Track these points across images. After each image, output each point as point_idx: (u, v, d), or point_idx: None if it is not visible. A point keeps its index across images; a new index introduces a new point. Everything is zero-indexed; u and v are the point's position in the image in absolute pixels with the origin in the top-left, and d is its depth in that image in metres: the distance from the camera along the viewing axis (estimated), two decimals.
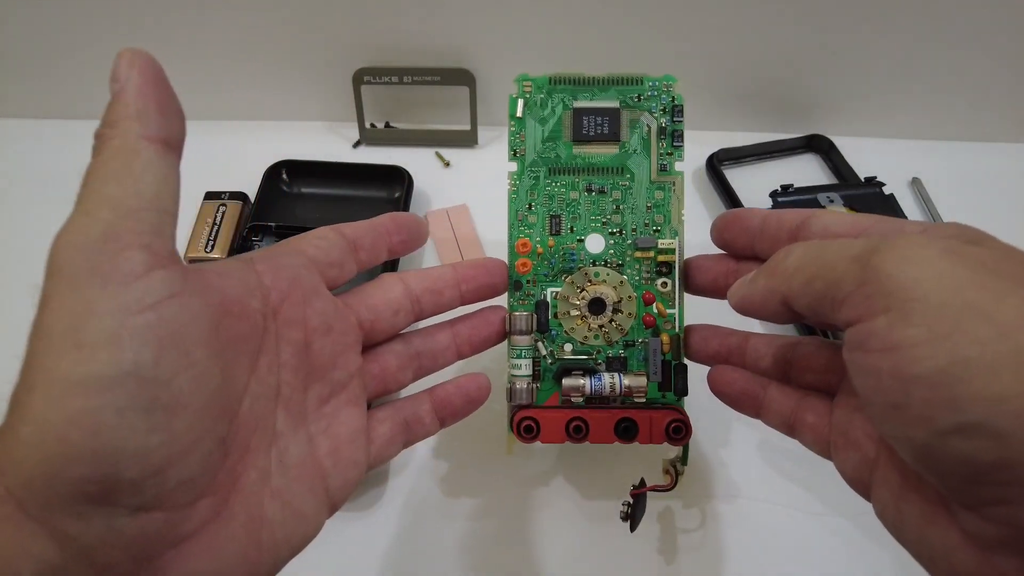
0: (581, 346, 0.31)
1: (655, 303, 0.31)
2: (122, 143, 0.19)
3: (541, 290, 0.31)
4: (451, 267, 0.30)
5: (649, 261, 0.31)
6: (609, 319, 0.31)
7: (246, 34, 0.49)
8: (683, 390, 0.31)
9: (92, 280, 0.17)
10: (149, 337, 0.17)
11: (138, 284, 0.17)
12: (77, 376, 0.16)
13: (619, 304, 0.31)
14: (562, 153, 0.32)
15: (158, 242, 0.18)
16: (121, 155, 0.19)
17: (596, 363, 0.31)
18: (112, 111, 0.19)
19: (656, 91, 0.32)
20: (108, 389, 0.16)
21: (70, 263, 0.17)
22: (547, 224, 0.31)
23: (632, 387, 0.30)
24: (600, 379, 0.30)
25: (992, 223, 0.49)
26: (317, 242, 0.26)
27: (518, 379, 0.31)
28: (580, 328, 0.31)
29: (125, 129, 0.19)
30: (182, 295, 0.18)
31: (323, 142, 0.54)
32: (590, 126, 0.32)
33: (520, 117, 0.32)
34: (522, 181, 0.31)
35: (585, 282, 0.31)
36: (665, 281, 0.31)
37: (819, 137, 0.54)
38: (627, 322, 0.31)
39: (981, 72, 0.51)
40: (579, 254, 0.31)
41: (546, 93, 0.32)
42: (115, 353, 0.16)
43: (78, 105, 0.54)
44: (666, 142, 0.31)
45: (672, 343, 0.31)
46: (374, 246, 0.28)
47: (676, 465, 0.32)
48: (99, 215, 0.18)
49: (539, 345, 0.31)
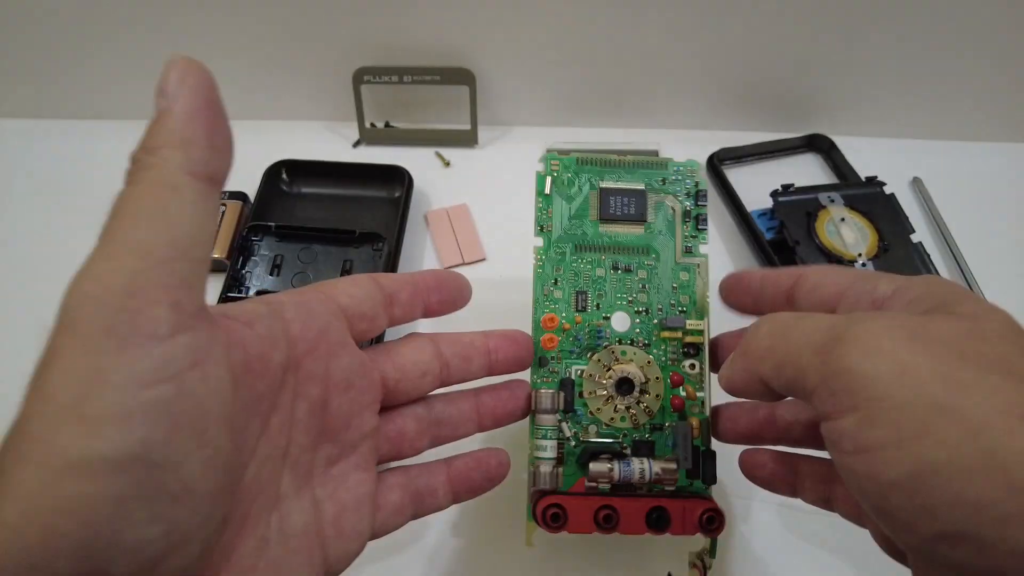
0: (606, 429, 0.30)
1: (683, 385, 0.30)
2: (160, 175, 0.16)
3: (566, 367, 0.31)
4: (482, 335, 0.28)
5: (676, 342, 0.30)
6: (636, 400, 0.30)
7: (246, 34, 0.49)
8: (712, 478, 0.30)
9: (108, 341, 0.15)
10: (163, 414, 0.15)
11: (159, 350, 0.15)
12: (76, 454, 0.14)
13: (646, 385, 0.30)
14: (588, 231, 0.32)
15: (187, 297, 0.16)
16: (157, 190, 0.16)
17: (623, 447, 0.30)
18: (154, 134, 0.17)
19: (680, 175, 0.32)
20: (110, 473, 0.14)
21: (85, 319, 0.15)
22: (573, 300, 0.31)
23: (663, 475, 0.29)
24: (629, 465, 0.29)
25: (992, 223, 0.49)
26: (352, 291, 0.24)
27: (543, 462, 0.29)
28: (606, 409, 0.30)
29: (166, 158, 0.17)
30: (205, 363, 0.17)
31: (323, 142, 0.54)
32: (617, 206, 0.32)
33: (548, 194, 0.32)
34: (548, 256, 0.31)
35: (612, 360, 0.30)
36: (693, 363, 0.30)
37: (820, 137, 0.54)
38: (655, 404, 0.30)
39: (981, 72, 0.51)
40: (605, 331, 0.31)
41: (573, 172, 0.32)
42: (123, 431, 0.15)
43: (78, 105, 0.54)
44: (690, 225, 0.32)
45: (701, 428, 0.30)
46: (411, 302, 0.26)
47: (704, 558, 0.30)
48: (123, 263, 0.15)
49: (563, 426, 0.30)
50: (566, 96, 0.53)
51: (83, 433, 0.14)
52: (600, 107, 0.54)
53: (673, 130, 0.55)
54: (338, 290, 0.24)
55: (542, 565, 0.35)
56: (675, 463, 0.29)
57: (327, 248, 0.45)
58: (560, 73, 0.51)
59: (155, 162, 0.17)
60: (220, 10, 0.47)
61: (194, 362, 0.16)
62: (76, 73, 0.52)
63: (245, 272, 0.44)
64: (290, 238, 0.45)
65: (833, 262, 0.43)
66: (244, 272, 0.44)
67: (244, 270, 0.44)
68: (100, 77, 0.52)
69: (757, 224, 0.47)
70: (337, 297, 0.23)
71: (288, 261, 0.44)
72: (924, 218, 0.50)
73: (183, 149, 0.17)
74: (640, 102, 0.54)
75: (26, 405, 0.15)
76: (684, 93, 0.53)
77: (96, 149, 0.53)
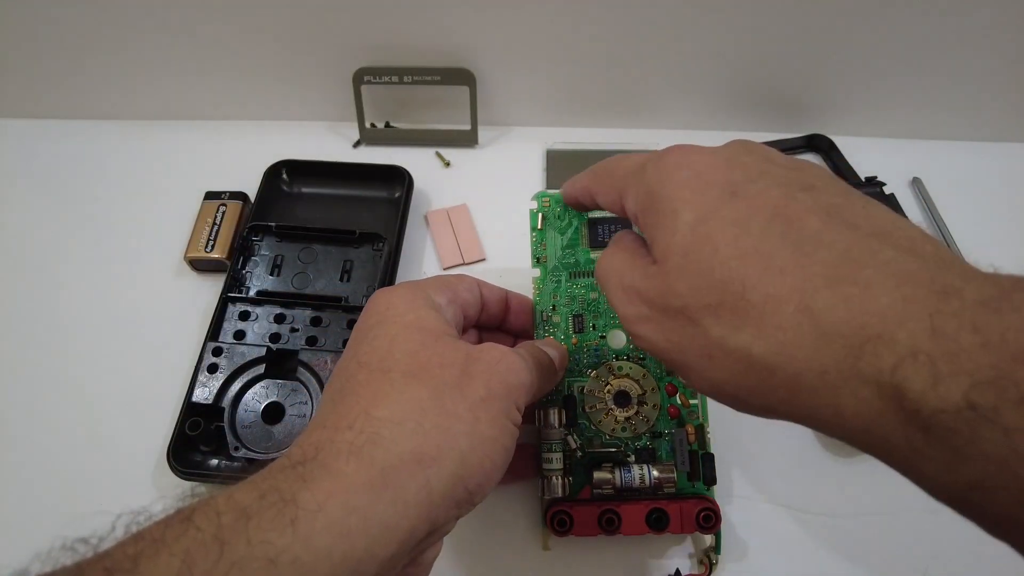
0: (609, 439, 0.33)
1: (678, 394, 0.33)
2: None
3: (568, 385, 0.33)
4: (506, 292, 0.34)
5: None
6: (635, 411, 0.32)
7: (246, 34, 0.49)
8: (711, 479, 0.32)
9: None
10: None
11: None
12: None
13: (643, 396, 0.32)
14: (580, 258, 0.34)
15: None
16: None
17: (626, 455, 0.32)
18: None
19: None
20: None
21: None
22: (571, 323, 0.34)
23: (662, 479, 0.31)
24: (630, 471, 0.31)
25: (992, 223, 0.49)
26: (466, 296, 0.31)
27: (552, 473, 0.32)
28: (608, 421, 0.32)
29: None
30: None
31: (323, 142, 0.54)
32: (605, 233, 0.34)
33: (541, 229, 0.35)
34: (545, 285, 0.34)
35: (610, 375, 0.33)
36: None
37: (819, 137, 0.54)
38: (652, 413, 0.32)
39: (981, 72, 0.51)
40: (602, 349, 0.33)
41: (562, 207, 0.35)
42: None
43: (78, 105, 0.54)
44: None
45: (697, 433, 0.32)
46: (497, 314, 0.34)
47: (710, 555, 0.33)
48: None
49: (569, 439, 0.32)
50: (566, 96, 0.53)
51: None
52: (600, 107, 0.54)
53: (673, 130, 0.55)
54: (458, 292, 0.30)
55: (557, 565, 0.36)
56: (673, 468, 0.32)
57: (327, 248, 0.45)
58: (560, 73, 0.51)
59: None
60: (220, 11, 0.47)
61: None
62: (76, 73, 0.52)
63: (245, 272, 0.44)
64: (290, 238, 0.45)
65: None
66: (244, 272, 0.44)
67: (244, 270, 0.44)
68: (100, 77, 0.52)
69: None
70: (458, 298, 0.29)
71: (288, 261, 0.44)
72: (924, 218, 0.50)
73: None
74: (640, 102, 0.54)
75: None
76: (684, 93, 0.53)
77: (96, 149, 0.53)
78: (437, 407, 0.22)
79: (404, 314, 0.26)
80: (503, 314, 0.33)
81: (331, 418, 0.22)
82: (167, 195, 0.50)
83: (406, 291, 0.27)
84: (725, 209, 0.20)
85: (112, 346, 0.44)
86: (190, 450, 0.37)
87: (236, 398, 0.39)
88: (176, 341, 0.43)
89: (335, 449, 0.21)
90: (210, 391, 0.39)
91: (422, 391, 0.23)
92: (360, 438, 0.21)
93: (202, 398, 0.38)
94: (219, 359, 0.40)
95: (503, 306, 0.33)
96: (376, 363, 0.24)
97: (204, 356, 0.40)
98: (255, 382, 0.40)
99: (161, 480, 0.38)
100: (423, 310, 0.26)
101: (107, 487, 0.38)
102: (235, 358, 0.40)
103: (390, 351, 0.24)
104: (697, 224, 0.20)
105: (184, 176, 0.51)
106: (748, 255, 0.19)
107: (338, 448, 0.21)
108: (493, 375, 0.24)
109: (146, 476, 0.38)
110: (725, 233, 0.20)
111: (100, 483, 0.38)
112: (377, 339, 0.25)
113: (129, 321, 0.45)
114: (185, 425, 0.37)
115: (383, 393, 0.23)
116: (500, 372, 0.25)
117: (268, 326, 0.41)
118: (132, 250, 0.48)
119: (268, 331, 0.41)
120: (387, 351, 0.24)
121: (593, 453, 0.32)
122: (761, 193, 0.20)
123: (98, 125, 0.55)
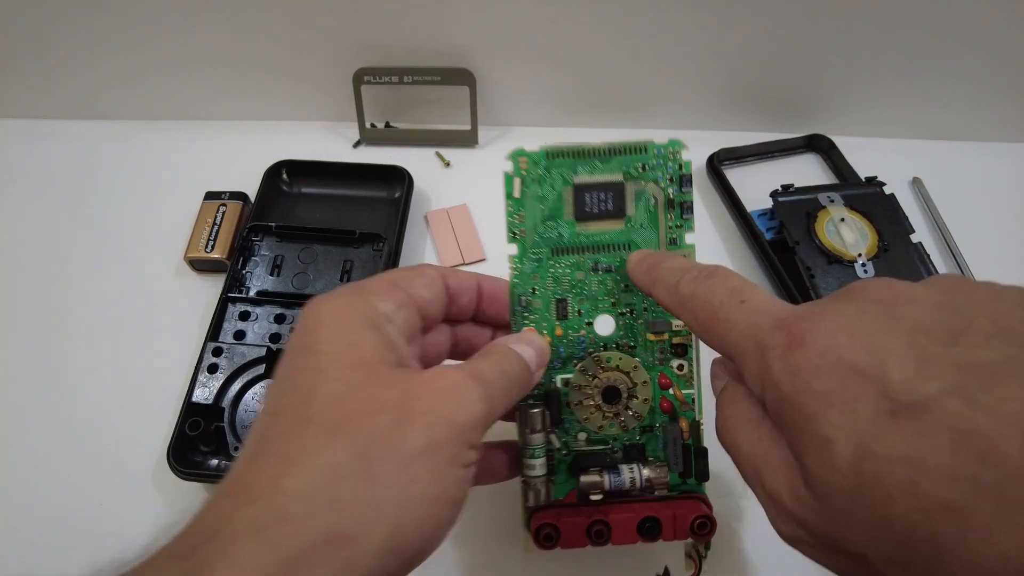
0: (596, 435, 0.30)
1: (672, 387, 0.30)
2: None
3: (550, 378, 0.29)
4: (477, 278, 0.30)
5: (663, 341, 0.30)
6: (625, 406, 0.29)
7: (246, 34, 0.49)
8: (704, 475, 0.30)
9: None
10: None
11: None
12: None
13: (634, 389, 0.29)
14: (564, 232, 0.29)
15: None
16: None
17: (613, 452, 0.30)
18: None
19: (662, 159, 0.29)
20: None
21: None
22: (553, 309, 0.29)
23: (653, 480, 0.28)
24: (619, 474, 0.28)
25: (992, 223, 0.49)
26: (424, 292, 0.26)
27: (535, 480, 0.28)
28: (595, 417, 0.29)
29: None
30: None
31: (323, 142, 0.54)
32: (593, 203, 0.29)
33: (518, 197, 0.29)
34: (524, 264, 0.29)
35: (597, 368, 0.29)
36: (681, 364, 0.30)
37: (819, 137, 0.54)
38: (643, 408, 0.29)
39: (981, 72, 0.51)
40: (588, 338, 0.29)
41: (544, 169, 0.29)
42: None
43: (78, 105, 0.54)
44: (674, 214, 0.29)
45: (692, 428, 0.30)
46: (468, 307, 0.29)
47: (699, 549, 0.31)
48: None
49: (552, 438, 0.29)
50: (566, 96, 0.53)
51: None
52: (600, 107, 0.54)
53: (673, 130, 0.54)
54: (414, 291, 0.25)
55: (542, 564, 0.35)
56: (666, 468, 0.29)
57: (327, 248, 0.45)
58: (560, 73, 0.51)
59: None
60: (221, 11, 0.47)
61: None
62: (76, 73, 0.52)
63: (245, 272, 0.44)
64: (290, 238, 0.45)
65: (833, 263, 0.43)
66: (244, 272, 0.44)
67: (244, 270, 0.44)
68: (100, 77, 0.52)
69: (757, 224, 0.47)
70: (414, 298, 0.25)
71: (288, 261, 0.44)
72: (924, 218, 0.50)
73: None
74: (640, 102, 0.54)
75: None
76: (684, 93, 0.53)
77: (96, 149, 0.53)
78: (360, 471, 0.19)
79: (335, 340, 0.22)
80: (477, 303, 0.29)
81: (239, 484, 0.19)
82: (167, 195, 0.50)
83: (343, 303, 0.23)
84: (890, 438, 0.15)
85: (112, 346, 0.43)
86: (190, 450, 0.37)
87: (236, 398, 0.39)
88: (176, 341, 0.43)
89: (234, 529, 0.18)
90: (210, 391, 0.39)
91: (343, 452, 0.19)
92: (265, 515, 0.18)
93: (202, 398, 0.38)
94: (219, 359, 0.40)
95: (476, 294, 0.29)
96: (295, 411, 0.20)
97: (204, 356, 0.40)
98: (255, 382, 0.40)
99: (161, 480, 0.38)
100: (359, 332, 0.22)
101: (107, 487, 0.38)
102: (235, 358, 0.40)
103: (313, 394, 0.20)
104: (859, 461, 0.16)
105: (184, 176, 0.51)
106: (935, 509, 0.14)
107: (238, 528, 0.18)
108: (437, 417, 0.21)
109: (146, 476, 0.38)
110: (896, 476, 0.15)
111: (100, 483, 0.38)
112: (300, 375, 0.21)
113: (129, 321, 0.45)
114: (185, 425, 0.37)
115: (297, 455, 0.19)
116: (446, 412, 0.21)
117: (268, 326, 0.42)
118: (132, 250, 0.48)
119: (268, 331, 0.41)
120: (309, 394, 0.21)
121: (578, 451, 0.29)
122: (932, 406, 0.15)
123: (98, 125, 0.55)
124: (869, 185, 0.48)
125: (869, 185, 0.48)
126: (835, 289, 0.41)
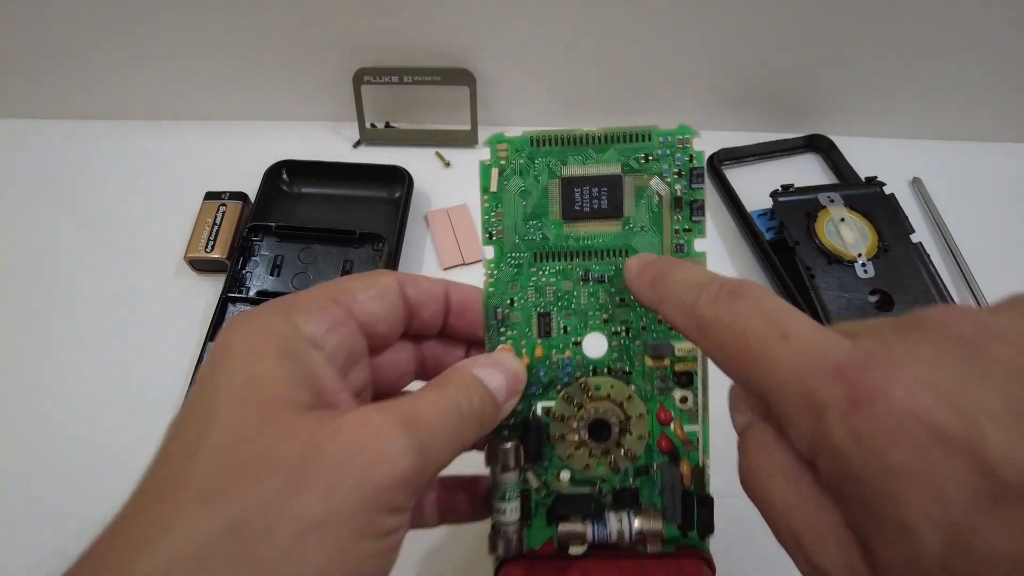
0: (581, 474, 0.24)
1: (673, 422, 0.24)
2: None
3: (530, 406, 0.24)
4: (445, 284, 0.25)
5: (664, 368, 0.24)
6: (616, 443, 0.24)
7: (246, 34, 0.49)
8: (708, 528, 0.24)
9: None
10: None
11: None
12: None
13: (627, 424, 0.24)
14: (549, 234, 0.24)
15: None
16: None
17: (601, 496, 0.24)
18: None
19: (669, 148, 0.25)
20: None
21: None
22: (535, 325, 0.24)
23: (645, 533, 0.24)
24: (605, 524, 0.24)
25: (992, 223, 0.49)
26: (372, 308, 0.22)
27: (506, 527, 0.24)
28: (579, 455, 0.24)
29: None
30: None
31: (323, 142, 0.54)
32: (584, 200, 0.24)
33: (495, 191, 0.24)
34: (501, 271, 0.24)
35: (584, 397, 0.24)
36: (684, 396, 0.24)
37: (819, 137, 0.54)
38: (637, 446, 0.24)
39: (981, 72, 0.51)
40: (575, 360, 0.24)
41: (527, 158, 0.24)
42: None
43: (78, 105, 0.54)
44: (682, 215, 0.24)
45: (695, 473, 0.24)
46: (432, 322, 0.24)
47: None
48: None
49: (529, 476, 0.24)
50: (566, 96, 0.53)
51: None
52: (600, 107, 0.54)
53: None
54: (357, 306, 0.21)
55: None
56: (660, 519, 0.24)
57: (327, 248, 0.45)
58: (560, 73, 0.51)
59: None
60: (220, 11, 0.47)
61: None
62: (76, 73, 0.52)
63: (245, 272, 0.44)
64: (290, 238, 0.45)
65: (833, 262, 0.43)
66: (244, 272, 0.44)
67: (244, 270, 0.44)
68: (100, 77, 0.52)
69: (757, 224, 0.47)
70: (356, 315, 0.21)
71: (288, 261, 0.44)
72: (924, 218, 0.50)
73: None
74: (640, 102, 0.54)
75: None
76: (684, 93, 0.53)
77: (96, 149, 0.53)
78: (233, 550, 0.15)
79: (234, 373, 0.18)
80: (445, 316, 0.24)
81: (93, 558, 0.16)
82: (167, 195, 0.50)
83: (258, 325, 0.19)
84: (993, 531, 0.12)
85: (112, 346, 0.43)
86: None
87: None
88: (176, 341, 0.43)
89: None
90: None
91: (215, 524, 0.15)
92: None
93: None
94: None
95: (443, 305, 0.24)
96: (177, 464, 0.17)
97: (204, 356, 0.40)
98: None
99: None
100: (266, 363, 0.18)
101: (107, 487, 0.38)
102: None
103: (196, 446, 0.17)
104: (951, 558, 0.12)
105: (184, 176, 0.51)
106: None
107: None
108: (342, 479, 0.16)
109: None
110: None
111: (100, 483, 0.38)
112: (192, 416, 0.18)
113: (129, 321, 0.45)
114: None
115: (164, 524, 0.16)
116: (355, 471, 0.17)
117: None
118: (132, 250, 0.48)
119: None
120: (195, 443, 0.17)
121: (559, 493, 0.24)
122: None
123: (98, 125, 0.55)
124: (869, 185, 0.48)
125: (869, 185, 0.48)
126: (835, 289, 0.42)
